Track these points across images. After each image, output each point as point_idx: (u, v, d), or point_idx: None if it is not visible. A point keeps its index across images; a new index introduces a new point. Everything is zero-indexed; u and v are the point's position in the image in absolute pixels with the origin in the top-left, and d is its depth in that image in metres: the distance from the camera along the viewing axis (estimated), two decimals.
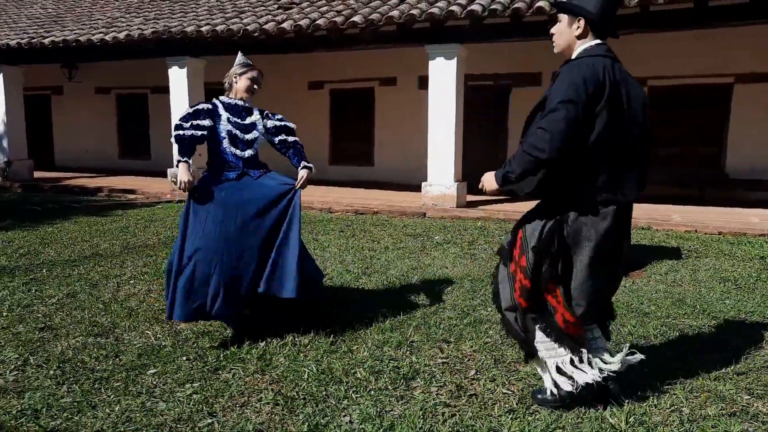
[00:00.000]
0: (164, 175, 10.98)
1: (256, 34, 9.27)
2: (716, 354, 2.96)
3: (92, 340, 3.18)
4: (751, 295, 4.01)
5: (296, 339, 3.16)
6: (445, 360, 2.93)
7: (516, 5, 7.62)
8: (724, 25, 7.28)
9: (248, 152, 3.29)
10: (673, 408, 2.41)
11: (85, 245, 5.64)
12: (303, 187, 3.35)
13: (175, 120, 10.03)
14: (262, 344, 3.09)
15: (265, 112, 3.49)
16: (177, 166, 3.11)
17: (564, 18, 2.29)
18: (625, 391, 2.48)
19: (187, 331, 3.32)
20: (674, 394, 2.53)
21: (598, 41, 2.26)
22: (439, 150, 8.65)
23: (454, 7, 8.00)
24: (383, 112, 12.11)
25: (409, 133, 11.60)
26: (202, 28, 9.71)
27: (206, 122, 3.18)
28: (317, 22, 8.86)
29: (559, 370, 2.33)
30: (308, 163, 3.49)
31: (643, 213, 7.48)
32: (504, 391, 2.60)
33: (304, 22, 8.94)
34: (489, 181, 2.34)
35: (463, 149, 8.93)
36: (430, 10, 8.12)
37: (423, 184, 8.77)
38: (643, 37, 8.16)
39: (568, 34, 2.28)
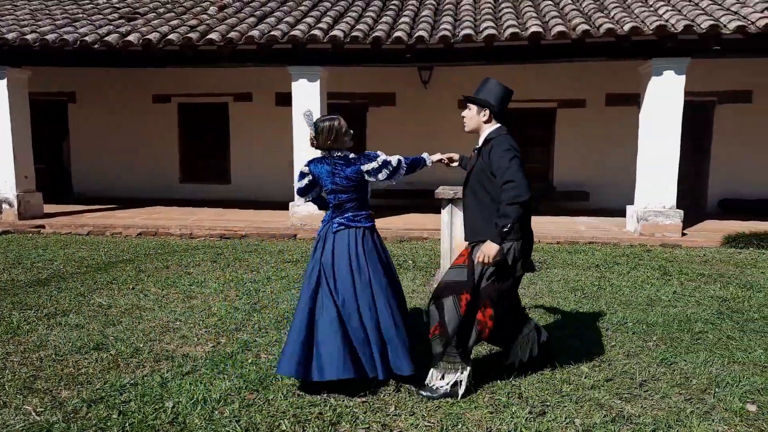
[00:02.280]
0: None
1: (96, 46, 8.46)
2: (586, 363, 3.47)
3: None
4: (597, 303, 4.73)
5: (206, 395, 3.02)
6: (363, 399, 3.03)
7: (376, 33, 7.98)
8: (551, 62, 8.39)
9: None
10: (568, 420, 2.80)
11: None
12: None
13: None
14: (170, 405, 2.91)
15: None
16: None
17: (473, 107, 3.08)
18: (525, 406, 2.82)
19: (75, 400, 2.98)
20: (565, 407, 2.92)
21: (499, 125, 3.08)
22: None
23: (316, 31, 8.13)
24: (239, 128, 11.79)
25: (267, 150, 11.44)
26: (27, 36, 8.61)
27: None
28: (169, 37, 8.37)
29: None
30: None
31: None
32: (425, 424, 2.78)
33: (153, 36, 8.39)
34: (489, 248, 2.83)
35: None
36: (292, 33, 8.15)
37: (290, 204, 8.74)
38: (488, 67, 9.07)
39: (477, 119, 3.09)
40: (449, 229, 5.28)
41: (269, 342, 3.81)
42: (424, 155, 3.41)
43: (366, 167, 3.19)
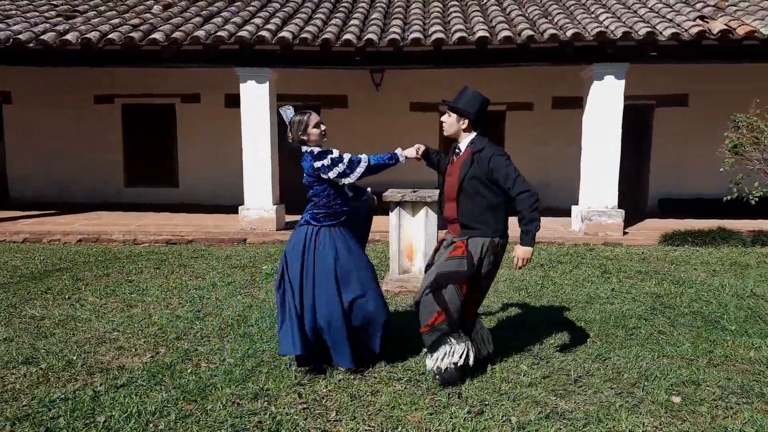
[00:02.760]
0: None
1: (31, 44, 8.09)
2: (525, 362, 3.55)
3: None
4: (540, 302, 4.85)
5: (141, 408, 2.93)
6: (304, 405, 3.00)
7: (326, 35, 7.95)
8: (499, 66, 8.55)
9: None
10: (504, 418, 2.85)
11: None
12: None
13: None
14: (101, 419, 2.81)
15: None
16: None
17: (453, 114, 3.26)
18: (464, 406, 2.86)
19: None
20: (503, 405, 2.98)
21: (477, 134, 3.28)
22: (257, 173, 8.57)
23: (264, 32, 8.02)
24: (187, 130, 11.51)
25: (216, 153, 11.22)
26: None
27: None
28: (110, 36, 8.10)
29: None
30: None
31: None
32: (366, 428, 2.78)
33: (93, 35, 8.10)
34: (523, 251, 3.12)
35: (279, 170, 8.97)
36: (239, 33, 8.02)
37: (240, 208, 8.60)
38: (437, 70, 9.20)
39: (456, 127, 3.27)
40: (397, 231, 5.32)
41: (211, 350, 3.73)
42: (397, 151, 3.39)
43: (317, 164, 3.23)
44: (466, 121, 3.23)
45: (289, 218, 9.15)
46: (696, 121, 10.53)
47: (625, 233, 8.23)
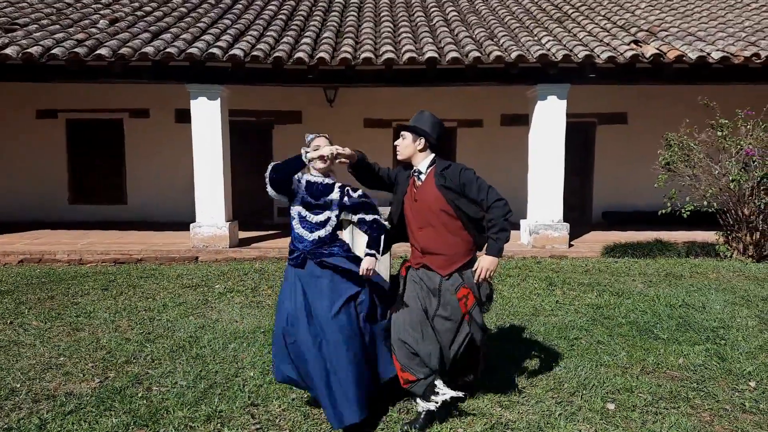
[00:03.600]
0: None
1: None
2: (471, 374, 3.67)
3: None
4: (488, 315, 5.01)
5: None
6: (258, 426, 3.03)
7: (277, 53, 8.01)
8: (447, 85, 8.82)
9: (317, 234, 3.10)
10: (451, 431, 2.97)
11: None
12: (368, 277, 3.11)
13: None
14: None
15: (346, 188, 3.21)
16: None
17: (408, 135, 3.15)
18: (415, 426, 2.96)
19: None
20: (451, 418, 3.10)
21: (434, 155, 3.18)
22: (209, 189, 8.49)
23: (214, 50, 8.01)
24: (135, 146, 11.27)
25: (166, 169, 11.03)
26: None
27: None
28: (53, 51, 7.89)
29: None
30: (373, 250, 3.14)
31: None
32: None
33: (35, 50, 7.88)
34: (489, 262, 2.97)
35: (232, 186, 8.91)
36: (189, 50, 7.97)
37: (192, 225, 8.48)
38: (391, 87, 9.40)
39: (412, 148, 3.14)
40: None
41: (162, 373, 3.70)
42: (302, 150, 3.09)
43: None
44: (422, 140, 3.11)
45: (243, 235, 9.09)
46: (635, 138, 11.12)
47: (570, 245, 8.58)
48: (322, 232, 3.08)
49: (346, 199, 3.16)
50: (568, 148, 8.62)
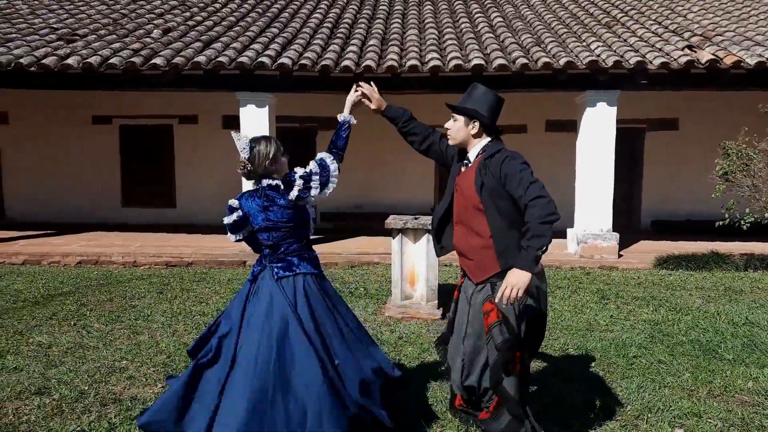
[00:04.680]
0: None
1: (32, 68, 8.16)
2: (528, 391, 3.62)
3: None
4: None
5: None
6: None
7: (324, 62, 8.10)
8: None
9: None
10: None
11: None
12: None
13: None
14: None
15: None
16: None
17: (460, 118, 2.70)
18: None
19: None
20: None
21: (491, 139, 2.70)
22: None
23: (264, 58, 8.16)
24: (184, 151, 11.58)
25: (213, 174, 11.28)
26: None
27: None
28: (111, 61, 8.19)
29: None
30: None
31: None
32: None
33: (94, 60, 8.19)
34: (516, 278, 2.33)
35: None
36: (239, 59, 8.15)
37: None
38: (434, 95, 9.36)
39: (465, 132, 2.70)
40: (399, 257, 5.41)
41: None
42: (340, 117, 2.98)
43: (293, 194, 2.68)
44: (477, 124, 2.64)
45: None
46: (686, 145, 10.77)
47: (620, 256, 8.37)
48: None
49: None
50: (616, 155, 8.42)
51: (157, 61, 8.17)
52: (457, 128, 2.71)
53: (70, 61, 8.20)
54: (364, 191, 11.28)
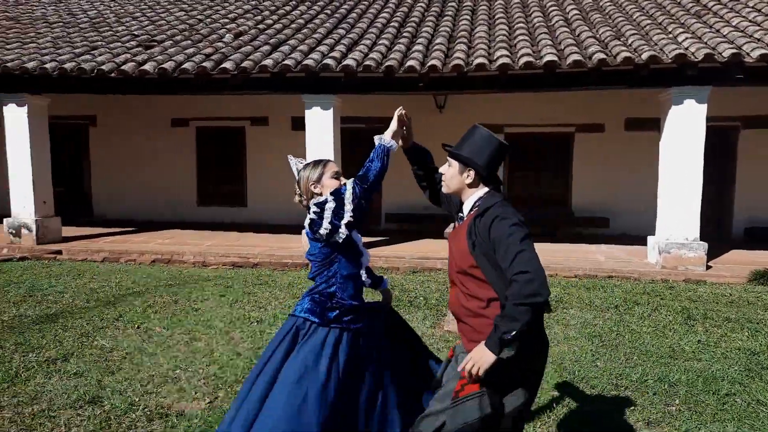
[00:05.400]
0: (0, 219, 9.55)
1: (113, 74, 8.56)
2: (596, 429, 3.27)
3: None
4: (616, 353, 4.50)
5: None
6: None
7: (389, 62, 7.92)
8: (567, 90, 8.23)
9: None
10: None
11: None
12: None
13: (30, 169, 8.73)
14: None
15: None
16: None
17: (455, 164, 2.35)
18: None
19: None
20: None
21: (488, 190, 2.32)
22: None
23: (329, 60, 8.10)
24: (255, 151, 11.83)
25: (282, 174, 11.40)
26: (46, 65, 8.76)
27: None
28: (184, 66, 8.43)
29: None
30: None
31: None
32: None
33: (168, 65, 8.46)
34: (481, 357, 2.04)
35: None
36: (305, 62, 8.14)
37: (303, 232, 8.64)
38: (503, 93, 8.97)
39: (458, 180, 2.34)
40: None
41: None
42: (379, 140, 2.48)
43: (306, 224, 2.45)
44: (471, 172, 2.30)
45: None
46: None
47: (708, 267, 7.63)
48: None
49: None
50: (705, 155, 7.66)
51: (227, 65, 8.32)
52: (450, 175, 2.36)
53: (146, 66, 8.53)
54: None
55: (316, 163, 2.56)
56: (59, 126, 11.58)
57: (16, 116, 9.25)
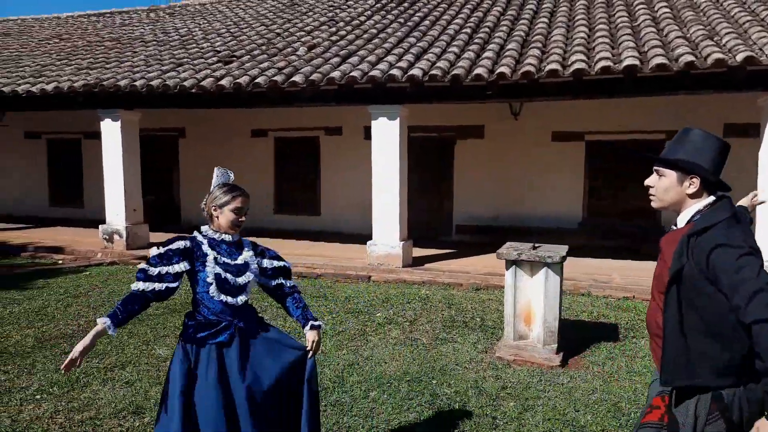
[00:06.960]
0: (97, 225, 10.40)
1: (193, 90, 9.02)
2: None
3: None
4: None
5: None
6: None
7: (456, 71, 7.72)
8: (649, 95, 7.59)
9: (240, 299, 2.57)
10: None
11: None
12: (314, 354, 2.74)
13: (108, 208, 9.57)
14: None
15: (259, 248, 2.80)
16: (96, 325, 2.35)
17: (670, 174, 1.99)
18: None
19: None
20: None
21: (714, 199, 1.96)
22: (384, 210, 8.57)
23: (394, 71, 8.04)
24: (329, 161, 12.03)
25: (354, 184, 11.53)
26: (136, 82, 9.40)
27: (180, 267, 2.53)
28: (257, 80, 8.72)
29: None
30: (315, 320, 2.78)
31: (584, 272, 7.62)
32: None
33: (243, 80, 8.78)
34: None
35: (408, 202, 8.86)
36: (371, 73, 8.13)
37: (368, 243, 8.66)
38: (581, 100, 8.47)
39: (677, 192, 1.98)
40: (513, 292, 4.86)
41: None
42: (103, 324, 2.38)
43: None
44: (696, 180, 1.95)
45: (418, 252, 9.02)
46: None
47: None
48: (244, 297, 2.58)
49: (263, 259, 2.74)
50: None
51: (297, 78, 8.51)
52: (665, 187, 2.00)
53: (223, 82, 8.92)
54: (501, 202, 10.65)
55: (230, 190, 2.69)
56: (152, 138, 12.45)
57: (111, 130, 10.04)
